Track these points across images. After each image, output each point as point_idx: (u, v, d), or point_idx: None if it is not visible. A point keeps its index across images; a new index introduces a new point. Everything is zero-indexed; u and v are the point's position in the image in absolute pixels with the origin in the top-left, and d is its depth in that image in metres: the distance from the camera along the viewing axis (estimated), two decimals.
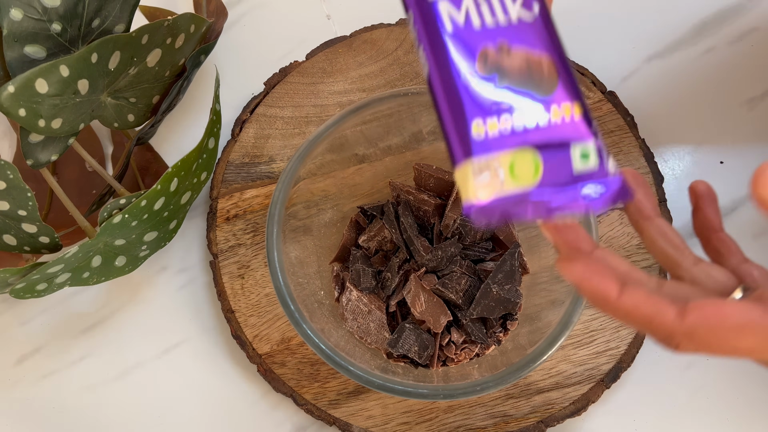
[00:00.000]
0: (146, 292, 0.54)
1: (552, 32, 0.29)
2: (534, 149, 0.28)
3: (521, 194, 0.27)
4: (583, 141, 0.28)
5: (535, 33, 0.29)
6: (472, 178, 0.27)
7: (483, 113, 0.28)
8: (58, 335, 0.53)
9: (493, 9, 0.29)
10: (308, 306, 0.46)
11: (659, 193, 0.52)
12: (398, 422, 0.50)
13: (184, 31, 0.48)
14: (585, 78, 0.54)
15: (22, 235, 0.45)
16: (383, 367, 0.46)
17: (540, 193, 0.28)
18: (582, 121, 0.28)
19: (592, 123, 0.29)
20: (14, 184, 0.41)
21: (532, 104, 0.28)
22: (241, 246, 0.52)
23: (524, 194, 0.27)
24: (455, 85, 0.28)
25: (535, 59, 0.28)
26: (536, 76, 0.28)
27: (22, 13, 0.41)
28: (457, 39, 0.28)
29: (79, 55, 0.42)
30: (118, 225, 0.45)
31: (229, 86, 0.56)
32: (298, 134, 0.54)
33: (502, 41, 0.28)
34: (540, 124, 0.28)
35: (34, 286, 0.45)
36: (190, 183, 0.50)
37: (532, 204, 0.28)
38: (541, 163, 0.28)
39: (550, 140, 0.28)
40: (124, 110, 0.49)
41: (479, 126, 0.28)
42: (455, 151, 0.28)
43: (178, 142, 0.56)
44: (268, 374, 0.51)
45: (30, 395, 0.52)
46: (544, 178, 0.28)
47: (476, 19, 0.29)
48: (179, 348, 0.53)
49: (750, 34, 0.55)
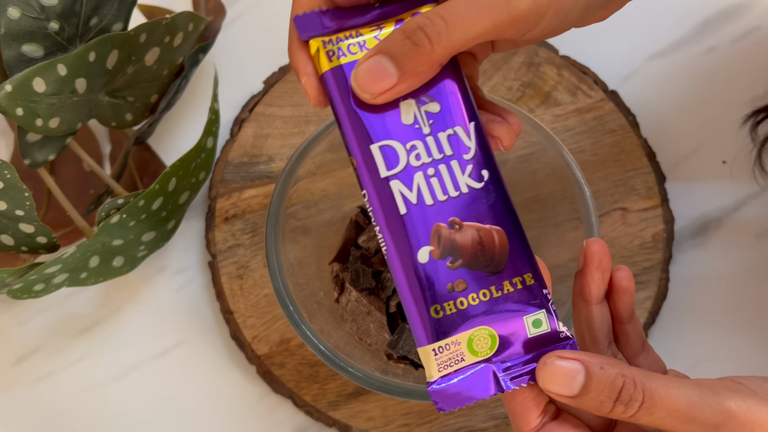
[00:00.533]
0: (144, 293, 0.53)
1: (502, 198, 0.30)
2: (489, 326, 0.29)
3: (481, 367, 0.29)
4: (534, 312, 0.30)
5: (486, 202, 0.30)
6: (434, 359, 0.29)
7: (440, 299, 0.29)
8: (56, 336, 0.53)
9: (444, 183, 0.30)
10: (307, 307, 0.45)
11: (661, 192, 0.52)
12: (398, 424, 0.49)
13: (183, 30, 0.48)
14: (587, 77, 0.54)
15: (19, 235, 0.45)
16: (383, 368, 0.46)
17: (498, 362, 0.29)
18: (533, 289, 0.30)
19: (543, 289, 0.30)
20: (11, 183, 0.41)
21: (485, 282, 0.30)
22: (240, 246, 0.52)
23: (484, 367, 0.29)
24: (411, 272, 0.29)
25: (487, 232, 0.30)
26: (489, 251, 0.30)
27: (20, 12, 0.41)
28: (411, 220, 0.30)
29: (76, 53, 0.42)
30: (116, 225, 0.45)
31: (228, 85, 0.56)
32: (297, 133, 0.54)
33: (453, 218, 0.30)
34: (494, 300, 0.29)
35: (31, 286, 0.45)
36: (188, 183, 0.49)
37: (493, 375, 0.29)
38: (497, 336, 0.29)
39: (504, 315, 0.30)
40: (122, 109, 0.49)
41: (437, 311, 0.29)
42: (417, 335, 0.29)
43: (177, 141, 0.56)
44: (267, 375, 0.50)
45: (28, 396, 0.52)
46: (499, 349, 0.29)
47: (428, 196, 0.30)
48: (177, 349, 0.52)
49: (752, 32, 0.55)
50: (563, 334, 0.30)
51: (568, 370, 0.28)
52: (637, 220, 0.51)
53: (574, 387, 0.28)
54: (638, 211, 0.52)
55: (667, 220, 0.52)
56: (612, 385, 0.27)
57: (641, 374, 0.28)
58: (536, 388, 0.30)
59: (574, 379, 0.28)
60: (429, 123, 0.30)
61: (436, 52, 0.28)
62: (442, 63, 0.30)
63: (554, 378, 0.28)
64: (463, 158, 0.30)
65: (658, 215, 0.52)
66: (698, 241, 0.53)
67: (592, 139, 0.53)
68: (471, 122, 0.30)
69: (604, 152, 0.53)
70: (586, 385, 0.28)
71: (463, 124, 0.30)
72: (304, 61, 0.31)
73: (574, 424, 0.30)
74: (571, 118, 0.53)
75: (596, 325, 0.32)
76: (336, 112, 0.30)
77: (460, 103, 0.30)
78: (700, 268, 0.52)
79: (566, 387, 0.28)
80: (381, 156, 0.30)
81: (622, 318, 0.33)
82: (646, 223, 0.51)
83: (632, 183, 0.52)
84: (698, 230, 0.53)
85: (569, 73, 0.54)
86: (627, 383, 0.27)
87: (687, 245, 0.52)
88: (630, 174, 0.52)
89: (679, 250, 0.52)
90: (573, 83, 0.54)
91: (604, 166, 0.52)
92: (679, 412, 0.27)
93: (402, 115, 0.30)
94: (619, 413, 0.28)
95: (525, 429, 0.30)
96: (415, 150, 0.30)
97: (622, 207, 0.52)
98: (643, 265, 0.51)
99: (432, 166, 0.30)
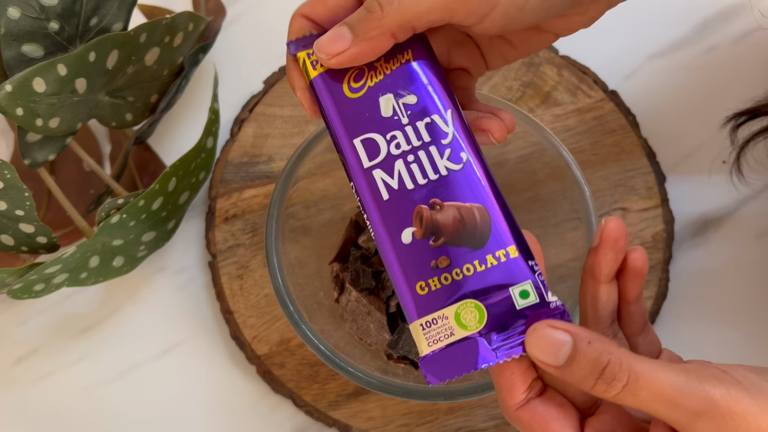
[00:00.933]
0: (144, 293, 0.53)
1: (483, 177, 0.31)
2: (476, 299, 0.30)
3: (470, 340, 0.30)
4: (520, 282, 0.30)
5: (466, 182, 0.31)
6: (422, 334, 0.30)
7: (424, 276, 0.31)
8: (56, 336, 0.53)
9: (423, 168, 0.31)
10: (307, 307, 0.45)
11: (661, 192, 0.52)
12: (398, 424, 0.49)
13: (183, 30, 0.48)
14: (587, 77, 0.54)
15: (19, 235, 0.45)
16: (383, 368, 0.46)
17: (488, 335, 0.30)
18: (517, 261, 0.31)
19: (529, 261, 0.31)
20: (11, 183, 0.41)
21: (468, 257, 0.31)
22: (240, 246, 0.52)
23: (472, 339, 0.30)
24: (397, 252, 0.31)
25: (467, 210, 0.31)
26: (470, 227, 0.31)
27: (20, 12, 0.41)
28: (394, 204, 0.31)
29: (76, 53, 0.42)
30: (116, 225, 0.45)
31: (228, 85, 0.56)
32: (297, 133, 0.54)
33: (434, 199, 0.31)
34: (479, 274, 0.30)
35: (31, 286, 0.45)
36: (188, 182, 0.49)
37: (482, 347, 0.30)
38: (484, 309, 0.30)
39: (489, 288, 0.30)
40: (122, 109, 0.49)
41: (423, 287, 0.31)
42: (407, 312, 0.31)
43: (177, 141, 0.56)
44: (267, 375, 0.50)
45: (28, 396, 0.52)
46: (489, 321, 0.30)
47: (408, 181, 0.31)
48: (177, 349, 0.52)
49: (752, 32, 0.55)
50: (553, 304, 0.30)
51: (556, 340, 0.28)
52: (637, 220, 0.52)
53: (559, 357, 0.28)
54: (638, 211, 0.52)
55: (667, 220, 0.52)
56: (596, 362, 0.28)
57: (629, 356, 0.28)
58: (524, 363, 0.30)
59: (561, 349, 0.28)
60: (407, 114, 0.32)
61: (386, 18, 0.31)
62: (394, 33, 0.31)
63: (541, 344, 0.28)
64: (441, 143, 0.32)
65: (658, 215, 0.52)
66: (698, 241, 0.52)
67: (592, 139, 0.53)
68: (448, 110, 0.32)
69: (604, 152, 0.53)
70: (571, 357, 0.28)
71: (439, 112, 0.32)
72: (297, 76, 0.34)
73: (559, 401, 0.30)
74: (571, 118, 0.53)
75: (601, 304, 0.32)
76: (324, 113, 0.33)
77: (436, 93, 0.32)
78: (700, 268, 0.52)
79: (551, 356, 0.28)
80: (363, 149, 0.32)
81: (629, 298, 0.33)
82: (646, 223, 0.51)
83: (632, 183, 0.52)
84: (698, 230, 0.53)
85: (569, 73, 0.54)
86: (613, 362, 0.28)
87: (687, 245, 0.52)
88: (630, 174, 0.52)
89: (679, 250, 0.52)
90: (573, 83, 0.54)
91: (604, 166, 0.52)
92: (663, 397, 0.27)
93: (381, 109, 0.32)
94: (600, 391, 0.28)
95: (510, 403, 0.30)
96: (395, 140, 0.32)
97: (622, 207, 0.52)
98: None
99: (411, 153, 0.32)
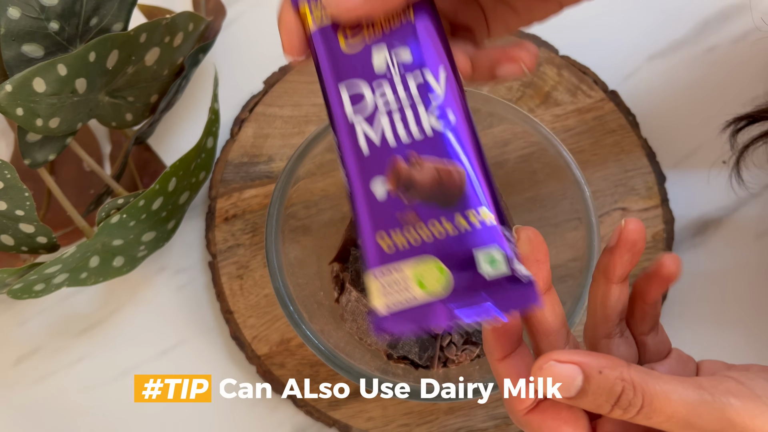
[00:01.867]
0: (144, 293, 0.53)
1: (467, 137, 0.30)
2: (439, 260, 0.29)
3: (431, 303, 0.28)
4: (488, 247, 0.29)
5: (451, 144, 0.30)
6: (376, 287, 0.29)
7: (387, 226, 0.29)
8: (56, 336, 0.53)
9: (408, 126, 0.30)
10: (308, 307, 0.45)
11: (661, 192, 0.52)
12: (398, 424, 0.49)
13: (183, 30, 0.48)
14: (587, 77, 0.54)
15: (19, 235, 0.45)
16: (383, 368, 0.46)
17: (450, 301, 0.28)
18: (490, 227, 0.29)
19: (502, 228, 0.29)
20: (11, 183, 0.41)
21: (439, 215, 0.29)
22: (240, 246, 0.52)
23: (434, 303, 0.28)
24: (365, 201, 0.30)
25: (445, 170, 0.29)
26: (447, 187, 0.29)
27: (20, 12, 0.41)
28: (373, 158, 0.30)
29: (76, 54, 0.42)
30: (116, 225, 0.45)
31: (228, 85, 0.56)
32: (297, 133, 0.54)
33: (414, 154, 0.30)
34: (448, 234, 0.29)
35: (31, 286, 0.45)
36: (188, 182, 0.49)
37: (444, 312, 0.28)
38: (448, 272, 0.29)
39: (456, 249, 0.29)
40: (122, 109, 0.49)
41: (383, 238, 0.29)
42: (366, 259, 0.29)
43: (177, 141, 0.56)
44: (268, 375, 0.50)
45: (28, 396, 0.52)
46: (454, 286, 0.28)
47: (391, 138, 0.30)
48: (178, 349, 0.52)
49: (752, 32, 0.55)
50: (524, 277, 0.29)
51: (566, 376, 0.28)
52: None
53: (571, 390, 0.28)
54: (638, 211, 0.52)
55: (667, 220, 0.52)
56: (611, 391, 0.27)
57: (641, 377, 0.27)
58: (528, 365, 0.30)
59: (572, 383, 0.28)
60: (399, 68, 0.31)
61: None
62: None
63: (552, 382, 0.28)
64: (430, 102, 0.30)
65: (658, 215, 0.52)
66: (698, 241, 0.52)
67: (592, 139, 0.53)
68: (441, 69, 0.31)
69: (604, 152, 0.53)
70: (583, 389, 0.27)
71: (432, 69, 0.31)
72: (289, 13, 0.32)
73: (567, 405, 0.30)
74: (571, 118, 0.53)
75: (611, 304, 0.32)
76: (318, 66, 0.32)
77: (430, 49, 0.31)
78: (700, 268, 0.52)
79: (564, 391, 0.28)
80: (348, 97, 0.31)
81: (649, 300, 0.32)
82: (646, 223, 0.51)
83: (632, 183, 0.52)
84: (698, 230, 0.53)
85: (569, 73, 0.54)
86: (626, 388, 0.27)
87: (687, 245, 0.52)
88: (630, 174, 0.52)
89: (679, 250, 0.52)
90: (573, 83, 0.54)
91: (604, 166, 0.52)
92: (677, 418, 0.27)
93: (374, 60, 0.31)
94: (617, 416, 0.28)
95: (519, 408, 0.30)
96: (384, 95, 0.30)
97: (622, 207, 0.52)
98: (643, 265, 0.51)
99: (398, 109, 0.30)
